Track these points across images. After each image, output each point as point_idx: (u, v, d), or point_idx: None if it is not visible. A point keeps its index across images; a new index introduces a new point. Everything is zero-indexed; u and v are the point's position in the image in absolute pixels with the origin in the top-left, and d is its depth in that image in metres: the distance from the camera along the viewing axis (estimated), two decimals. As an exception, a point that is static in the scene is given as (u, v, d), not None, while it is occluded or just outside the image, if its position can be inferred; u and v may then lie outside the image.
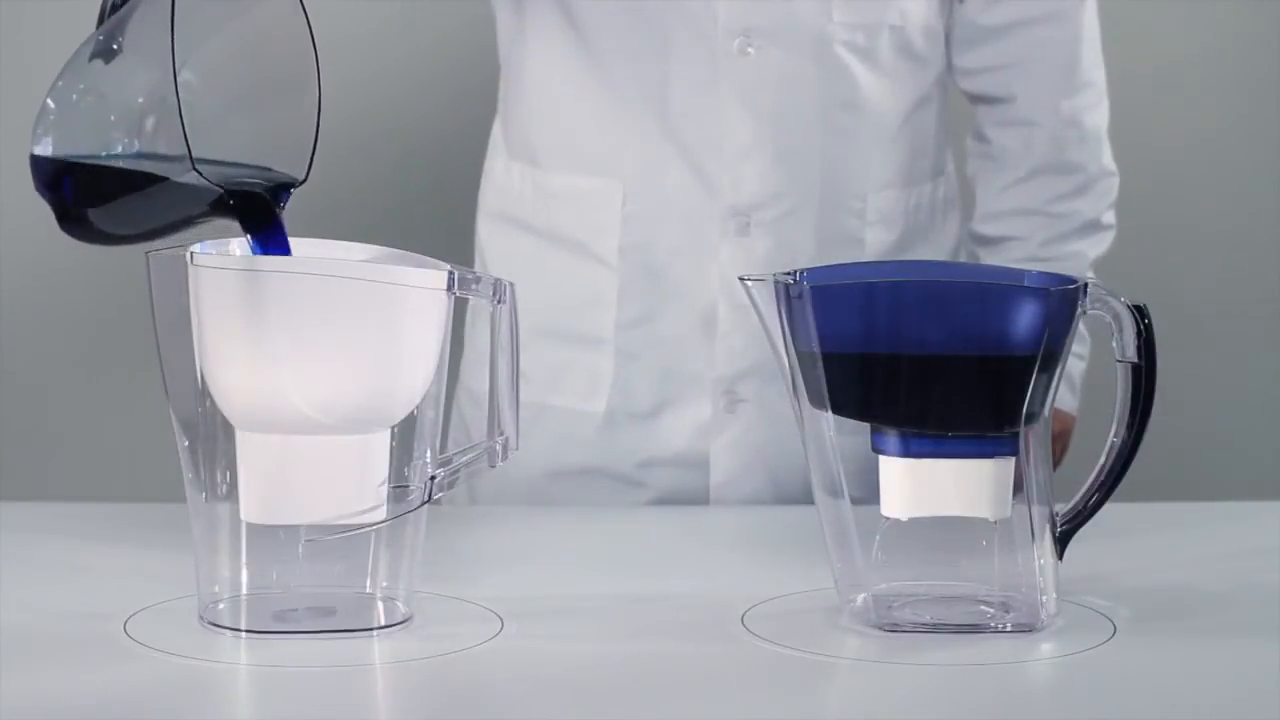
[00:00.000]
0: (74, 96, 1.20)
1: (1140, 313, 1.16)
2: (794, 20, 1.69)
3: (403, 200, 2.32)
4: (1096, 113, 1.80)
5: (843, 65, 1.70)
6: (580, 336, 1.74)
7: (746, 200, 1.70)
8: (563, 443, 1.74)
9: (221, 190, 1.12)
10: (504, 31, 1.78)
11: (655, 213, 1.72)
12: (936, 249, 1.78)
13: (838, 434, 1.16)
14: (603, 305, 1.73)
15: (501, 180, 1.79)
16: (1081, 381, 1.81)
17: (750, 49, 1.68)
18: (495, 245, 1.79)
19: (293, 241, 1.17)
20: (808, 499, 1.21)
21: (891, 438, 1.15)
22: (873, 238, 1.72)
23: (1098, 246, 1.81)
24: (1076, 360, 1.79)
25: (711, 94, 1.69)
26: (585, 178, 1.73)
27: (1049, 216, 1.79)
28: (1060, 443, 1.81)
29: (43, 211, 1.22)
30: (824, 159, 1.71)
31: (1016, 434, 1.15)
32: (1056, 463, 1.79)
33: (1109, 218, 1.81)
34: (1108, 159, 1.81)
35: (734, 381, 1.71)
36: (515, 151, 1.77)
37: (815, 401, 1.16)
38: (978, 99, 1.81)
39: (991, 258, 1.80)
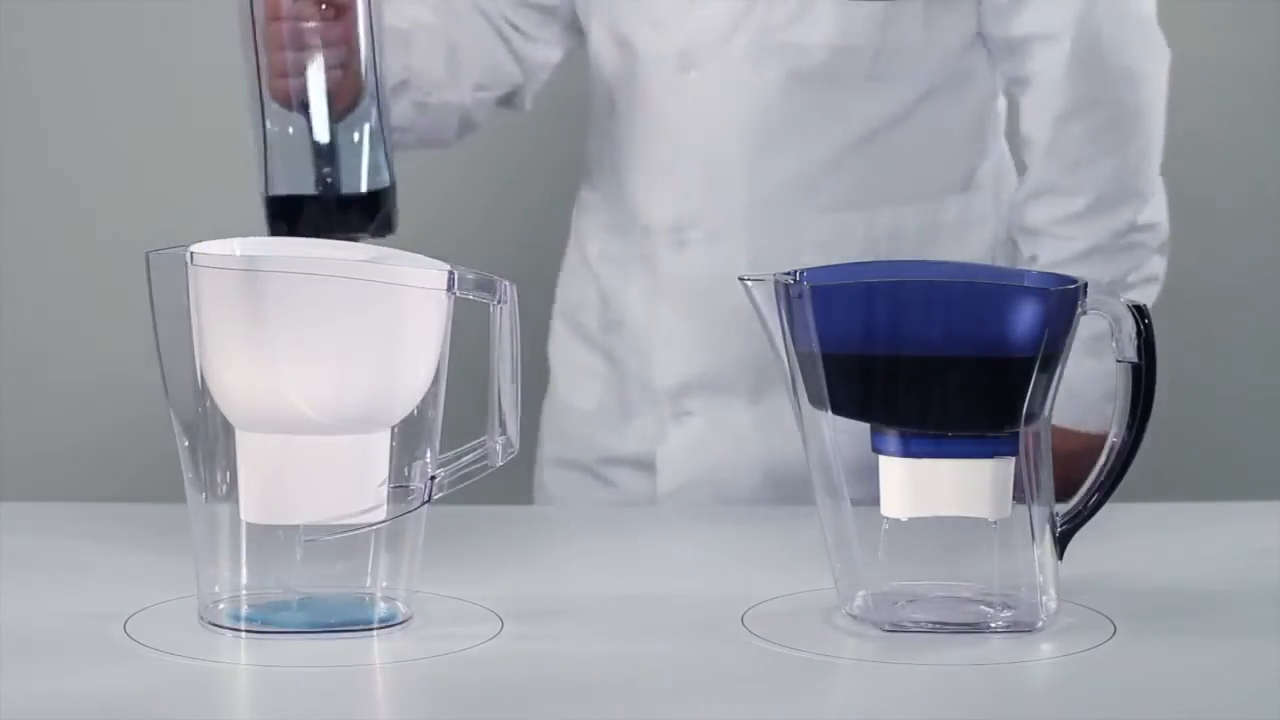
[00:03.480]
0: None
1: (1140, 313, 1.16)
2: (731, 43, 1.71)
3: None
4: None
5: (782, 88, 1.71)
6: (582, 334, 1.82)
7: (670, 219, 1.74)
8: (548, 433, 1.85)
9: None
10: None
11: (612, 221, 1.79)
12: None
13: (837, 434, 1.16)
14: (591, 307, 1.81)
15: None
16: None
17: (692, 71, 1.71)
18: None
19: (293, 241, 1.18)
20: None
21: (891, 438, 1.15)
22: (815, 260, 1.71)
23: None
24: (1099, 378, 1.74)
25: (643, 114, 1.75)
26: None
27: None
28: (1087, 460, 1.75)
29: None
30: (752, 182, 1.73)
31: (1016, 434, 1.15)
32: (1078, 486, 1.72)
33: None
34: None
35: (680, 393, 1.76)
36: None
37: (815, 401, 1.16)
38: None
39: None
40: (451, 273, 1.13)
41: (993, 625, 1.17)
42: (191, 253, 1.12)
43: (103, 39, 2.36)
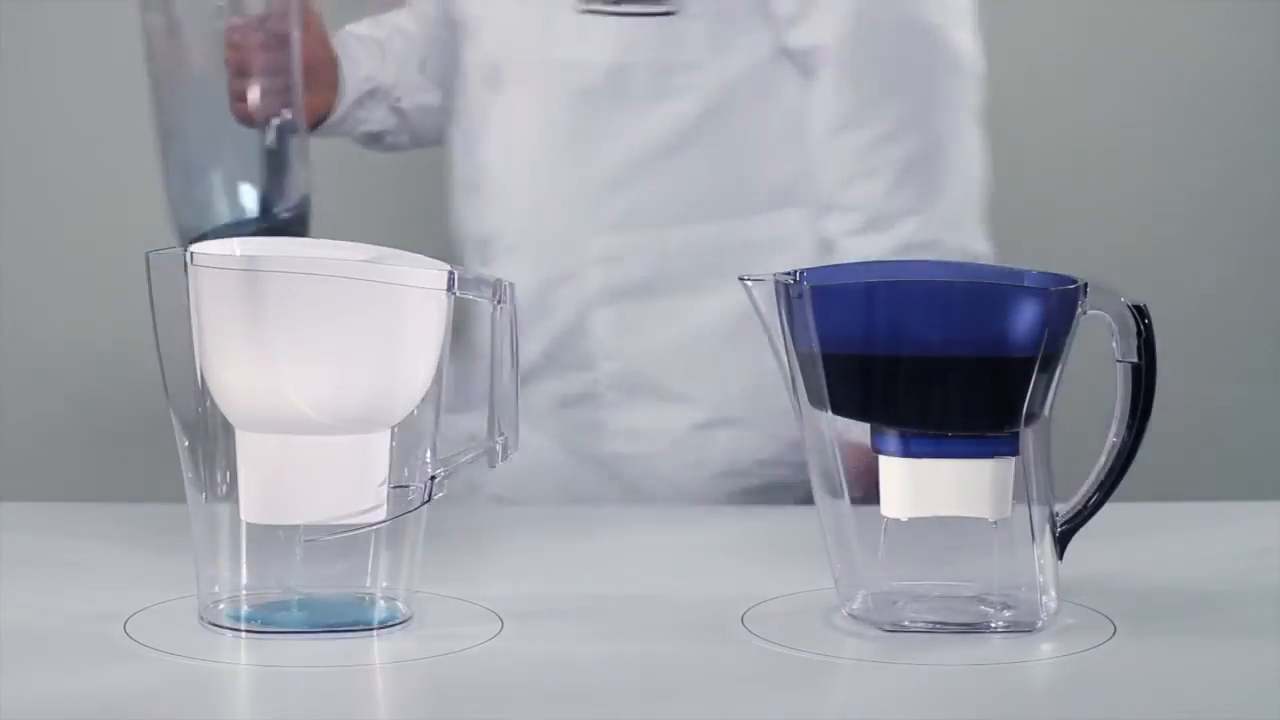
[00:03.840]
0: None
1: (1140, 313, 1.16)
2: (522, 60, 1.74)
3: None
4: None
5: (566, 105, 1.73)
6: None
7: (474, 233, 1.79)
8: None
9: None
10: None
11: (451, 235, 1.84)
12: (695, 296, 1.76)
13: (837, 434, 1.16)
14: None
15: None
16: None
17: (490, 86, 1.76)
18: None
19: (293, 241, 1.18)
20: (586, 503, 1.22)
21: (891, 438, 1.15)
22: (600, 276, 1.74)
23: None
24: None
25: (459, 127, 1.80)
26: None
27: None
28: None
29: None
30: (539, 198, 1.75)
31: (1016, 434, 1.15)
32: None
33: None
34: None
35: None
36: None
37: (815, 401, 1.16)
38: None
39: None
40: (451, 273, 1.13)
41: (993, 625, 1.17)
42: (191, 253, 1.12)
43: (103, 39, 2.36)
